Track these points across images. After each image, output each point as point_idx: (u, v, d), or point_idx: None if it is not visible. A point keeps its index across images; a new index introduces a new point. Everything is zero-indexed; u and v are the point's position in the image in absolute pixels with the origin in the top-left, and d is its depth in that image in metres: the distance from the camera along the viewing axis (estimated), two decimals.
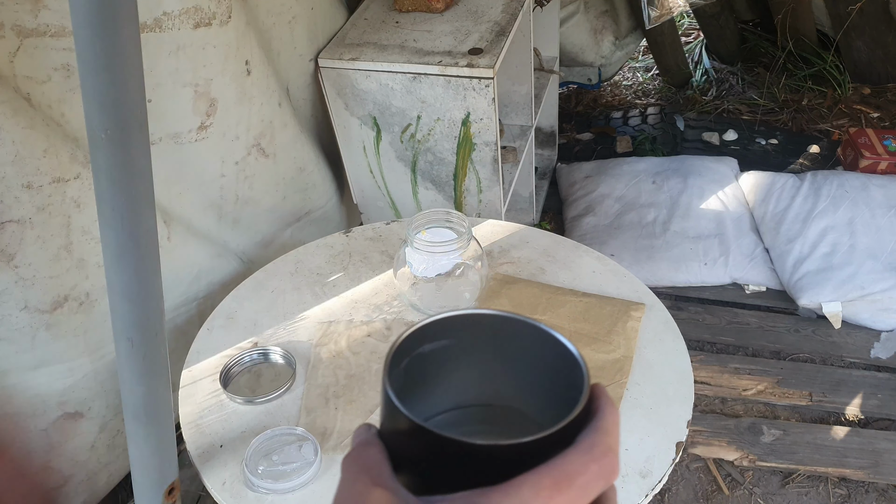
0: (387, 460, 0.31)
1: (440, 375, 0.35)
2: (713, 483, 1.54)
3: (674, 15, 2.46)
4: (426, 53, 1.42)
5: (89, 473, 1.29)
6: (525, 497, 0.27)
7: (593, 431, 0.29)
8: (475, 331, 0.34)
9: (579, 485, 0.28)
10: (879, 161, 2.24)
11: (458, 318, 0.34)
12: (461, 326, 0.34)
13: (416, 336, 0.33)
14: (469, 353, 0.35)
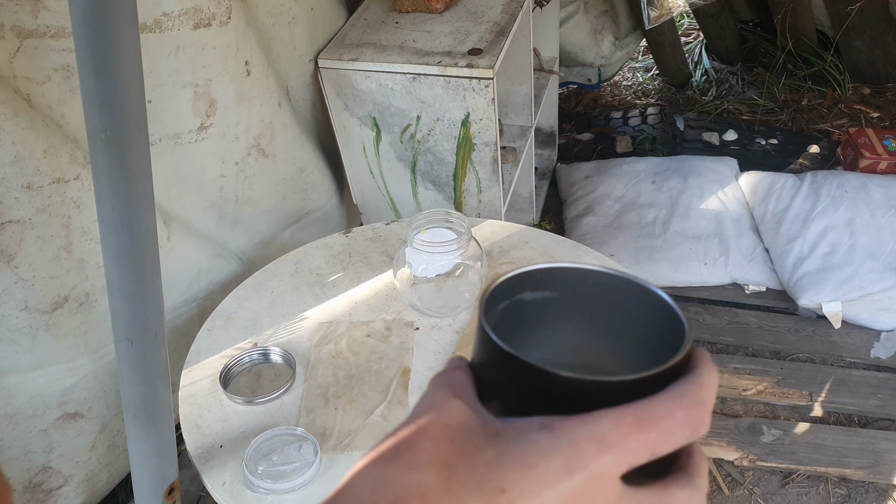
0: (472, 383, 0.31)
1: (536, 327, 0.34)
2: (713, 483, 1.54)
3: (673, 15, 2.46)
4: (426, 54, 1.42)
5: (89, 474, 1.30)
6: (604, 428, 0.26)
7: (687, 382, 0.28)
8: (579, 286, 0.33)
9: (662, 428, 0.27)
10: (879, 161, 2.24)
11: (566, 271, 0.33)
12: (567, 280, 0.33)
13: (520, 280, 0.32)
14: (570, 308, 0.34)
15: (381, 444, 0.29)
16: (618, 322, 0.33)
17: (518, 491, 0.25)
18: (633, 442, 0.26)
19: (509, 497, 0.25)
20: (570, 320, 0.34)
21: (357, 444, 0.90)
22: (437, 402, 0.29)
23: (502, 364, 0.29)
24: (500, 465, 0.26)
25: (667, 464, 0.29)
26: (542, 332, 0.34)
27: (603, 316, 0.33)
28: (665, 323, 0.31)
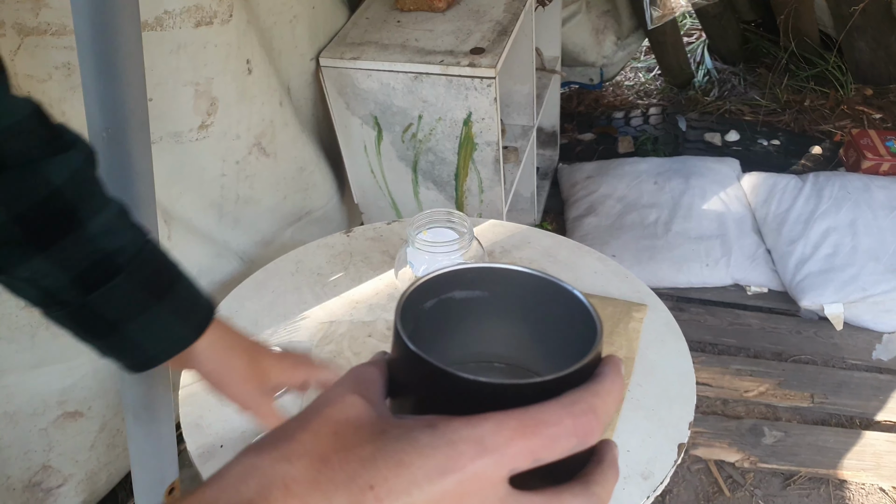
0: (380, 380, 0.31)
1: (466, 324, 0.34)
2: (714, 485, 1.53)
3: (676, 15, 2.46)
4: (428, 53, 1.42)
5: (89, 473, 1.29)
6: (485, 431, 0.26)
7: (583, 390, 0.28)
8: (509, 287, 0.33)
9: (547, 434, 0.27)
10: (882, 162, 2.24)
11: (496, 271, 0.33)
12: (497, 280, 0.33)
13: (450, 279, 0.33)
14: (499, 307, 0.34)
15: (269, 434, 0.29)
16: (543, 323, 0.34)
17: (387, 489, 0.25)
18: (515, 446, 0.26)
19: (377, 494, 0.25)
20: (499, 319, 0.34)
21: None
22: (333, 397, 0.29)
23: (407, 361, 0.29)
24: (374, 461, 0.26)
25: (573, 469, 0.29)
26: (471, 329, 0.35)
27: (531, 316, 0.34)
28: (585, 328, 0.31)
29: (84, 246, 0.47)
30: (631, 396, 0.94)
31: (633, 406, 0.93)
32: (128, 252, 0.50)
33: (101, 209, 0.48)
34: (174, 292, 0.54)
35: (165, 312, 0.52)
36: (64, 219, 0.46)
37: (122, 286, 0.49)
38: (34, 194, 0.44)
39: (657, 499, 1.49)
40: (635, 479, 0.84)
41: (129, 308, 0.50)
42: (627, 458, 0.86)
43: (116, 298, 0.49)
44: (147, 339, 0.52)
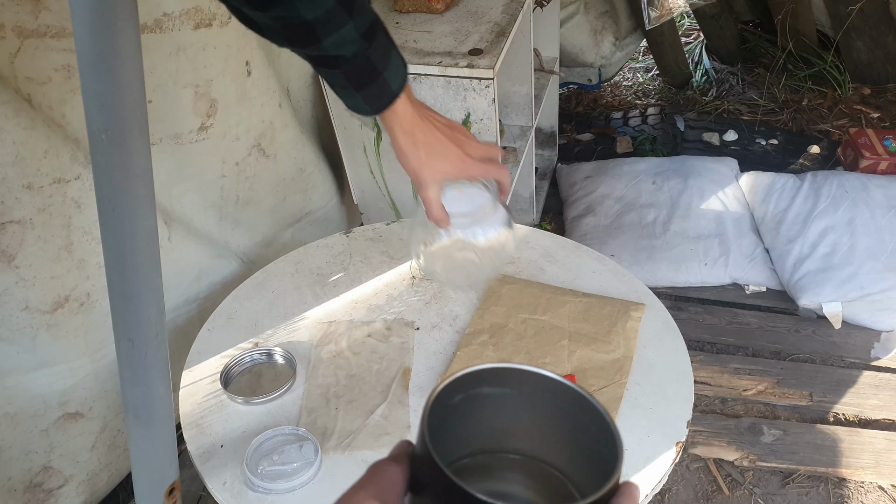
0: (403, 481, 0.33)
1: (493, 418, 0.36)
2: (713, 483, 1.54)
3: (674, 15, 2.46)
4: (426, 54, 1.42)
5: (90, 474, 1.30)
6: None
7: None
8: (537, 389, 0.35)
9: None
10: (879, 161, 2.24)
11: (526, 373, 0.35)
12: (525, 381, 0.35)
13: (479, 376, 0.34)
14: (524, 406, 0.36)
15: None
16: (566, 427, 0.35)
17: None
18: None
19: None
20: (522, 415, 0.36)
21: (358, 443, 0.90)
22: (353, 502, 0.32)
23: (429, 468, 0.30)
24: None
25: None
26: (495, 422, 0.36)
27: (555, 418, 0.35)
28: (606, 445, 0.32)
29: (319, 51, 0.71)
30: (629, 395, 0.94)
31: (632, 405, 0.93)
32: (346, 58, 0.72)
33: (334, 31, 0.68)
34: (369, 87, 0.75)
35: (360, 97, 0.76)
36: (307, 37, 0.69)
37: (337, 76, 0.74)
38: (290, 20, 0.67)
39: (656, 497, 1.50)
40: (634, 477, 0.84)
41: (341, 86, 0.75)
42: (626, 457, 0.86)
43: (333, 80, 0.76)
44: (348, 102, 0.78)
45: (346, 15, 0.68)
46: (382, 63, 0.75)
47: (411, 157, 0.80)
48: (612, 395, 0.93)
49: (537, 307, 1.07)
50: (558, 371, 0.94)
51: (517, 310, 1.07)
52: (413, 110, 0.79)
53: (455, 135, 0.82)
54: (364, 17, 0.71)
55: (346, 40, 0.70)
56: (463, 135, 0.83)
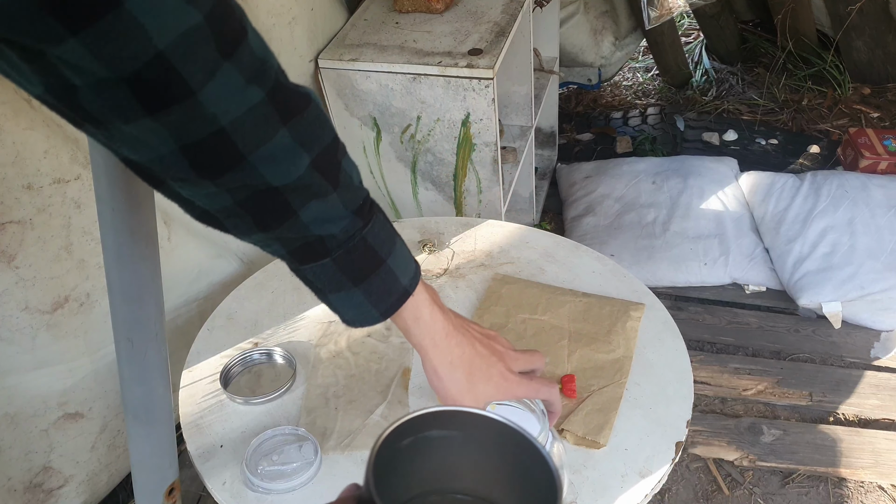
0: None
1: (437, 460, 0.37)
2: (713, 483, 1.54)
3: (674, 15, 2.46)
4: (426, 54, 1.42)
5: (90, 474, 1.30)
6: None
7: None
8: (483, 430, 0.36)
9: None
10: (879, 161, 2.24)
11: (473, 416, 0.36)
12: (473, 424, 0.36)
13: (427, 420, 0.35)
14: (472, 447, 0.37)
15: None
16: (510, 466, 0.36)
17: None
18: None
19: None
20: (469, 456, 0.37)
21: (357, 443, 0.90)
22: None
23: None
24: None
25: None
26: (443, 463, 0.37)
27: (501, 459, 0.36)
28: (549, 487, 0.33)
29: (298, 230, 0.53)
30: (629, 395, 0.94)
31: (631, 405, 0.93)
32: (338, 239, 0.55)
33: (313, 198, 0.52)
34: (370, 280, 0.57)
35: (359, 295, 0.58)
36: (280, 211, 0.51)
37: (327, 267, 0.55)
38: (255, 189, 0.49)
39: (656, 497, 1.50)
40: (633, 477, 0.84)
41: (332, 285, 0.57)
42: (625, 457, 0.86)
43: (322, 275, 0.56)
44: (345, 309, 0.59)
45: (328, 185, 0.53)
46: (385, 249, 0.58)
47: (448, 382, 0.64)
48: (611, 395, 0.93)
49: (537, 307, 1.07)
50: (558, 371, 0.95)
51: (517, 310, 1.07)
52: (445, 319, 0.64)
53: (494, 346, 0.68)
54: (353, 192, 0.55)
55: (333, 214, 0.53)
56: (501, 345, 0.69)
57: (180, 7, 0.40)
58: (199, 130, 0.44)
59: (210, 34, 0.42)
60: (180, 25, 0.40)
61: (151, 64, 0.40)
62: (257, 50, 0.47)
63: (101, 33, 0.38)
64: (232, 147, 0.46)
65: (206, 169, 0.47)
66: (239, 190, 0.49)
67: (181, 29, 0.40)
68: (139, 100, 0.41)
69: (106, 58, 0.39)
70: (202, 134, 0.44)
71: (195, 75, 0.42)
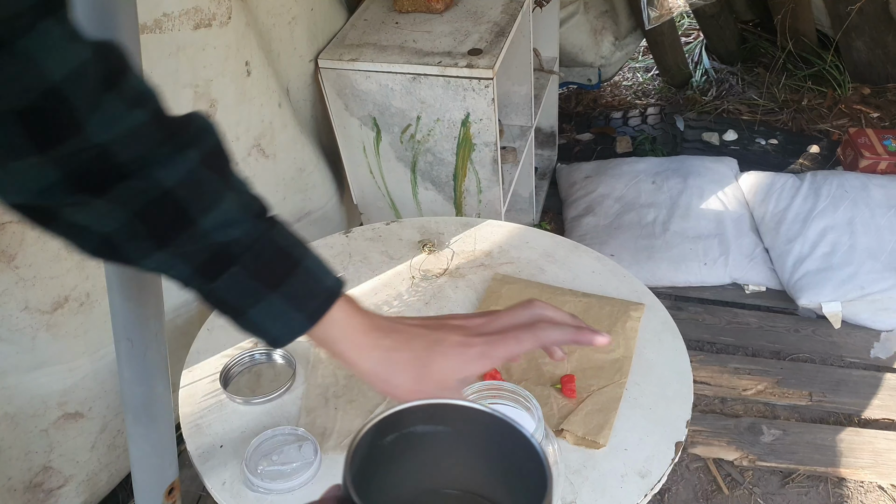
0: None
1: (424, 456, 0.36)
2: (713, 483, 1.54)
3: (673, 15, 2.46)
4: (426, 54, 1.42)
5: (90, 474, 1.30)
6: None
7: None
8: (469, 423, 0.35)
9: None
10: (879, 161, 2.24)
11: (460, 409, 0.34)
12: (458, 417, 0.35)
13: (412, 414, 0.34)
14: (457, 441, 0.36)
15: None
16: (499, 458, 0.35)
17: None
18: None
19: None
20: (457, 451, 0.36)
21: None
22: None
23: None
24: None
25: None
26: (431, 460, 0.36)
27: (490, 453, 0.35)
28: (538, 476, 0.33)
29: (199, 240, 0.49)
30: (629, 395, 0.94)
31: (631, 405, 0.93)
32: (242, 243, 0.51)
33: (213, 205, 0.49)
34: (289, 282, 0.52)
35: (279, 301, 0.52)
36: (177, 218, 0.48)
37: (238, 276, 0.51)
38: (147, 196, 0.47)
39: (655, 497, 1.50)
40: (633, 477, 0.84)
41: (247, 297, 0.52)
42: (626, 457, 0.87)
43: (235, 287, 0.51)
44: (267, 323, 0.53)
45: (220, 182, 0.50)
46: (297, 251, 0.53)
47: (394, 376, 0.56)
48: (611, 395, 0.93)
49: None
50: (558, 371, 0.94)
51: None
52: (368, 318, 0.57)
53: (443, 322, 0.60)
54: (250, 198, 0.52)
55: (232, 218, 0.50)
56: (456, 320, 0.60)
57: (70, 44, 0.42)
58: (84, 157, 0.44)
59: (94, 68, 0.43)
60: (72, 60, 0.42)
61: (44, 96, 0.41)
62: (139, 84, 0.48)
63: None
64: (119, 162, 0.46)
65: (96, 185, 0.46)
66: (133, 200, 0.47)
67: (73, 63, 0.42)
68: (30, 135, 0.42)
69: None
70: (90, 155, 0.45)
71: (83, 107, 0.43)
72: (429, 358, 0.56)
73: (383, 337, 0.57)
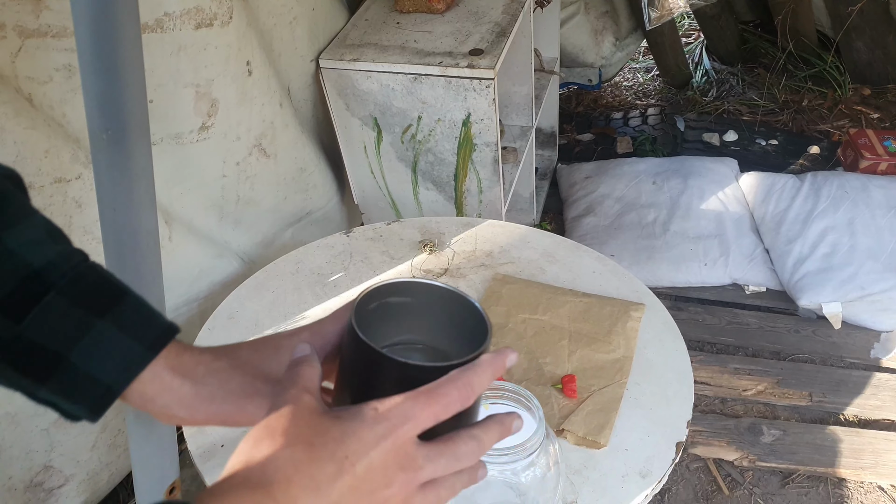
0: (317, 375, 0.44)
1: (399, 321, 0.49)
2: (713, 483, 1.54)
3: (674, 16, 2.46)
4: (427, 54, 1.42)
5: (90, 473, 1.30)
6: (407, 406, 0.40)
7: (464, 369, 0.42)
8: (430, 295, 0.48)
9: (442, 403, 0.40)
10: (879, 162, 2.24)
11: (419, 285, 0.48)
12: (420, 290, 0.48)
13: (387, 288, 0.47)
14: (421, 309, 0.49)
15: (259, 430, 0.39)
16: (452, 321, 0.48)
17: (356, 456, 0.38)
18: (423, 413, 0.40)
19: (351, 461, 0.38)
20: (421, 316, 0.49)
21: None
22: (292, 397, 0.41)
23: (358, 349, 0.43)
24: (343, 439, 0.38)
25: (461, 423, 0.43)
26: (402, 323, 0.49)
27: (444, 316, 0.49)
28: (481, 331, 0.46)
29: (4, 262, 0.41)
30: (629, 395, 0.94)
31: (632, 405, 0.93)
32: (59, 267, 0.43)
33: (19, 220, 0.42)
34: (119, 307, 0.44)
35: (111, 329, 0.43)
36: None
37: (56, 304, 0.42)
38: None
39: (656, 497, 1.50)
40: (634, 477, 0.84)
41: (68, 330, 0.42)
42: (626, 457, 0.87)
43: (52, 321, 0.42)
44: (96, 365, 0.43)
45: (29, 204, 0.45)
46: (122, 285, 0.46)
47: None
48: (612, 395, 0.93)
49: (537, 307, 1.07)
50: (559, 371, 0.95)
51: (517, 310, 1.07)
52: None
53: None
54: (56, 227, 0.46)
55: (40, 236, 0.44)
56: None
57: None
58: None
59: None
60: None
61: None
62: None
63: None
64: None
65: None
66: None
67: None
68: None
69: None
70: None
71: None
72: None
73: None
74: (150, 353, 0.45)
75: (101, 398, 0.44)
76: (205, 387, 0.46)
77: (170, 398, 0.46)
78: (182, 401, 0.46)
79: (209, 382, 0.47)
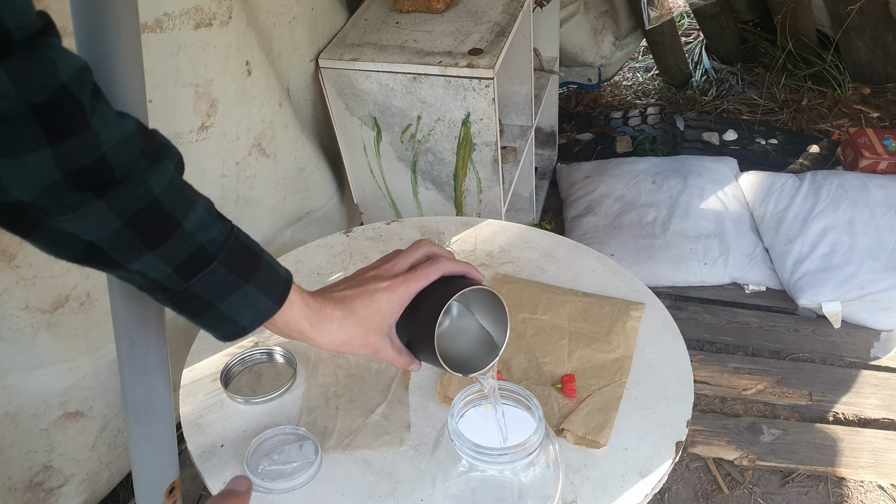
0: None
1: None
2: (713, 482, 1.54)
3: (674, 15, 2.47)
4: (426, 54, 1.42)
5: (90, 473, 1.30)
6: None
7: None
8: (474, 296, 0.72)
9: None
10: (879, 161, 2.24)
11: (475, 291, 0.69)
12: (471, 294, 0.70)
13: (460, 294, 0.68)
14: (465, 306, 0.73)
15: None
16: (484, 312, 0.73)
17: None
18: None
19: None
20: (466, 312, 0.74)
21: (357, 443, 0.90)
22: None
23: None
24: None
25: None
26: None
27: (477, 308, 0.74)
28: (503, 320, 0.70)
29: (184, 241, 0.54)
30: (629, 395, 0.94)
31: (632, 404, 0.93)
32: (217, 242, 0.56)
33: (191, 209, 0.55)
34: (258, 273, 0.60)
35: (253, 290, 0.59)
36: (165, 221, 0.53)
37: (216, 271, 0.56)
38: (140, 202, 0.51)
39: (656, 496, 1.50)
40: (634, 476, 0.84)
41: (222, 289, 0.58)
42: (626, 456, 0.87)
43: (212, 282, 0.57)
44: (238, 313, 0.59)
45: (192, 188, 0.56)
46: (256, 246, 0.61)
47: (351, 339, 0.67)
48: (611, 395, 0.93)
49: (537, 307, 1.07)
50: (558, 370, 0.94)
51: (517, 309, 1.07)
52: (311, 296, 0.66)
53: (362, 277, 0.71)
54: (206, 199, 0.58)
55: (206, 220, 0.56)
56: (372, 269, 0.72)
57: (69, 52, 0.48)
58: (87, 156, 0.48)
59: (90, 77, 0.49)
60: (75, 64, 0.47)
61: (59, 93, 0.45)
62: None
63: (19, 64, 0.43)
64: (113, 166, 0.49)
65: (96, 186, 0.49)
66: (126, 205, 0.50)
67: (76, 67, 0.47)
68: (44, 128, 0.45)
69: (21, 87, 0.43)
70: (91, 157, 0.48)
71: (87, 107, 0.47)
72: (370, 315, 0.68)
73: (333, 310, 0.67)
74: (277, 307, 0.62)
75: (236, 333, 0.61)
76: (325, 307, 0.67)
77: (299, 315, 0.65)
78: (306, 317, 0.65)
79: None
